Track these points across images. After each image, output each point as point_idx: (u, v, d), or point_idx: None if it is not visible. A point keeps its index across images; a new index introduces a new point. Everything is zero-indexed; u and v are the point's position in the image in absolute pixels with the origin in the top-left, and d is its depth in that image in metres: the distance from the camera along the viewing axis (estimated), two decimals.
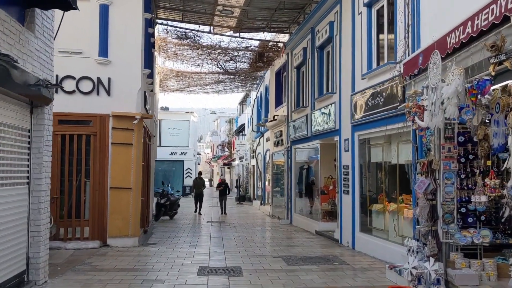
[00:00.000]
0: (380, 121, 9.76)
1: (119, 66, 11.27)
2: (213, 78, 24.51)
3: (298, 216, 16.72)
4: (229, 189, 22.51)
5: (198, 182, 21.98)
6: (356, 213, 11.24)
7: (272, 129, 20.70)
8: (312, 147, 15.73)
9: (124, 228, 11.14)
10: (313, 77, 14.76)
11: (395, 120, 8.97)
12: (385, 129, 9.41)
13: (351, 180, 11.48)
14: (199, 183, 21.91)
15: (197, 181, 22.08)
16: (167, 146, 38.48)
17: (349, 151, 11.63)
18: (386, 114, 9.37)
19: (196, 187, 21.71)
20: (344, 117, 12.00)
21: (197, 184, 21.84)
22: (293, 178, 17.44)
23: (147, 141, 14.00)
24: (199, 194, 21.41)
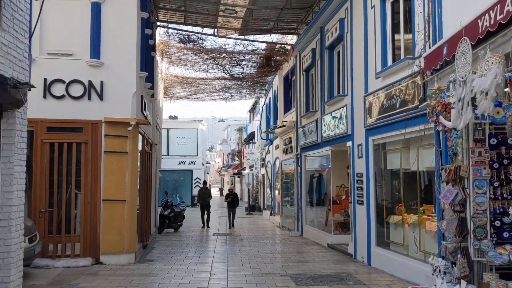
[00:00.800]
0: (397, 123, 8.79)
1: (112, 69, 10.46)
2: (219, 84, 23.69)
3: (309, 227, 15.72)
4: (238, 200, 20.81)
5: (203, 193, 20.29)
6: (371, 225, 10.24)
7: (281, 136, 19.78)
8: (322, 155, 14.76)
9: (119, 244, 10.25)
10: (323, 80, 13.84)
11: (414, 122, 8.00)
12: (404, 132, 8.43)
13: (365, 189, 10.49)
14: (205, 193, 20.24)
15: (202, 192, 20.42)
16: (175, 155, 37.76)
17: (362, 158, 10.66)
18: (404, 115, 8.40)
19: (202, 197, 20.15)
20: (357, 120, 11.04)
21: (203, 194, 20.22)
22: (303, 187, 16.46)
23: (147, 150, 13.15)
24: (205, 205, 19.77)
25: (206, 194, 20.16)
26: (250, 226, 20.57)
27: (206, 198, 19.91)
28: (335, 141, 12.67)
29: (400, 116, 8.58)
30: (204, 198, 19.89)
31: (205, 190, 20.56)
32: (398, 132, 8.84)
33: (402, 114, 8.45)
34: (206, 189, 20.64)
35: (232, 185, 55.50)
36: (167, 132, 38.05)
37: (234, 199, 20.08)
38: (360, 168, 10.83)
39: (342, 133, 11.80)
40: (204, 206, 19.76)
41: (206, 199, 19.85)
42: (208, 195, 20.23)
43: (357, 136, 11.05)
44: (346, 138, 11.75)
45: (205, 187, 20.92)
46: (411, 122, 8.07)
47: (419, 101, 7.83)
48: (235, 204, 20.08)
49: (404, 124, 8.50)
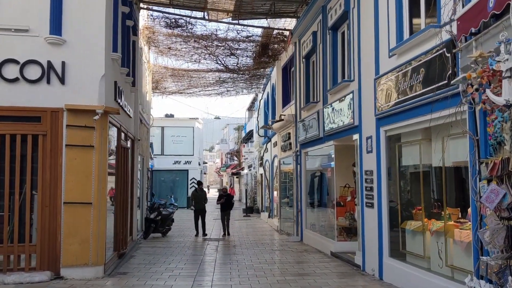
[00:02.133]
0: (417, 109, 7.17)
1: (76, 47, 8.84)
2: (214, 78, 22.08)
3: (310, 232, 14.09)
4: (232, 202, 17.41)
5: (198, 195, 16.97)
6: (384, 232, 8.60)
7: (279, 131, 18.15)
8: (324, 153, 13.13)
9: (83, 255, 8.62)
10: (325, 66, 12.21)
11: (441, 105, 6.37)
12: (426, 119, 6.81)
13: (376, 190, 8.86)
14: (199, 196, 16.91)
15: (197, 194, 17.07)
16: (170, 154, 36.19)
17: (372, 153, 9.03)
18: (427, 98, 6.77)
19: (196, 201, 16.85)
20: (366, 109, 9.42)
21: (197, 197, 16.90)
22: (303, 188, 14.83)
23: (124, 145, 11.53)
24: (200, 210, 16.61)
25: (201, 197, 16.96)
26: (246, 230, 18.93)
27: (202, 202, 16.75)
28: (339, 134, 11.04)
29: (421, 99, 6.95)
30: (199, 202, 16.74)
31: (200, 192, 17.26)
32: (418, 119, 7.22)
33: (424, 97, 6.82)
34: (201, 191, 17.32)
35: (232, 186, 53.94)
36: (161, 131, 36.50)
37: (228, 201, 17.05)
38: (369, 165, 9.20)
39: (348, 124, 10.18)
40: (199, 211, 16.67)
41: (202, 203, 16.73)
42: (204, 198, 16.94)
43: (365, 127, 9.42)
44: (352, 130, 10.13)
45: (200, 189, 17.44)
46: (438, 105, 6.44)
47: (446, 79, 6.21)
48: (230, 206, 17.20)
49: (425, 110, 6.88)
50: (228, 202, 17.06)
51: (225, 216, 16.81)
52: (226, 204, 17.00)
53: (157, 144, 35.70)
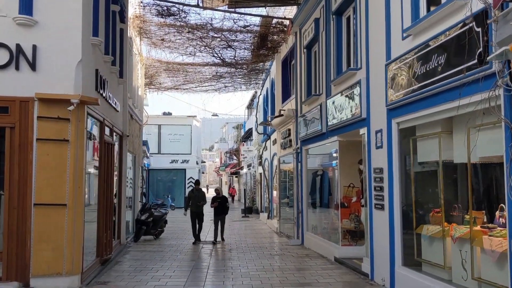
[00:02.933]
0: (438, 95, 6.17)
1: (49, 29, 7.84)
2: (210, 72, 21.08)
3: (311, 236, 13.09)
4: (227, 206, 14.98)
5: (195, 196, 14.81)
6: (396, 238, 7.61)
7: (279, 128, 17.16)
8: (325, 151, 12.14)
9: (56, 263, 7.63)
10: (328, 55, 11.22)
11: (470, 90, 5.38)
12: (451, 106, 5.82)
13: (387, 190, 7.87)
14: (197, 197, 14.76)
15: (193, 195, 14.95)
16: (167, 153, 35.21)
17: (383, 148, 8.04)
18: (451, 82, 5.77)
19: (192, 202, 14.76)
20: (375, 99, 8.43)
21: (193, 198, 14.81)
22: (304, 187, 13.84)
23: (109, 140, 10.54)
24: (198, 213, 14.62)
25: (199, 197, 14.79)
26: (244, 231, 17.94)
27: (199, 203, 14.65)
28: (344, 129, 10.05)
29: (443, 84, 5.95)
30: (196, 203, 14.63)
31: (198, 192, 14.98)
32: (438, 108, 6.23)
33: (448, 81, 5.82)
34: (199, 191, 14.99)
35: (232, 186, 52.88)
36: (158, 129, 35.55)
37: (222, 204, 14.76)
38: (379, 162, 8.21)
39: (354, 117, 9.19)
40: (196, 214, 14.60)
41: (199, 205, 14.65)
42: (202, 198, 14.78)
43: (374, 119, 8.43)
44: (359, 124, 9.14)
45: (197, 189, 15.15)
46: (466, 90, 5.44)
47: (477, 57, 5.22)
48: (225, 211, 14.82)
49: (447, 97, 5.91)
50: (222, 206, 14.71)
51: (219, 221, 14.68)
52: (219, 208, 14.68)
53: (153, 142, 34.75)
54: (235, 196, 46.51)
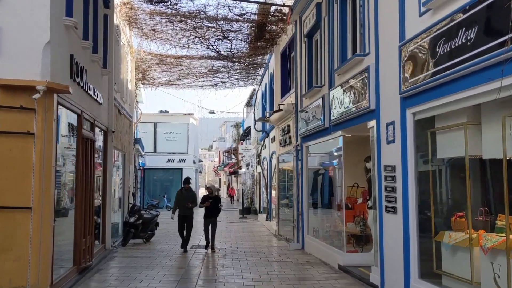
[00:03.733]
0: (468, 77, 5.15)
1: (12, 6, 6.83)
2: (206, 66, 20.05)
3: (313, 240, 12.07)
4: (220, 207, 13.06)
5: (183, 197, 12.72)
6: (411, 245, 6.60)
7: (277, 124, 16.14)
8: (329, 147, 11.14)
9: (20, 275, 6.61)
10: (332, 42, 10.20)
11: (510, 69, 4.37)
12: (485, 89, 4.81)
13: (400, 191, 6.85)
14: (186, 198, 12.65)
15: (181, 195, 12.84)
16: (163, 152, 34.22)
17: (395, 143, 7.03)
18: (486, 59, 4.74)
19: (180, 204, 12.70)
20: (386, 87, 7.41)
21: (182, 199, 12.68)
22: (305, 187, 12.83)
23: (88, 136, 9.52)
24: (186, 217, 12.62)
25: (188, 198, 12.65)
26: (241, 234, 16.92)
27: (188, 205, 12.53)
28: (349, 122, 9.04)
29: (474, 63, 4.93)
30: (185, 205, 12.53)
31: (187, 192, 12.89)
32: (466, 93, 5.21)
33: (482, 59, 4.79)
34: (188, 191, 12.91)
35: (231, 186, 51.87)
36: (154, 127, 34.54)
37: (214, 205, 12.77)
38: (391, 159, 7.19)
39: (361, 109, 8.17)
40: (184, 218, 12.62)
41: (187, 208, 12.52)
42: (192, 200, 12.73)
43: (385, 110, 7.41)
44: (367, 116, 8.12)
45: (186, 188, 12.94)
46: (507, 68, 4.43)
47: None
48: (216, 213, 12.89)
49: (476, 79, 4.90)
50: (214, 207, 12.75)
51: (210, 224, 12.68)
52: (211, 209, 12.74)
53: (149, 141, 33.75)
54: (234, 196, 45.44)
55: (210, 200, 12.82)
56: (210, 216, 12.81)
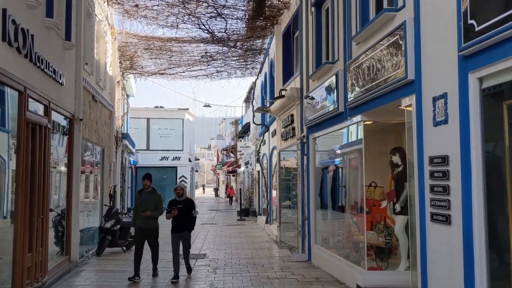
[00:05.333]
0: None
1: None
2: (199, 52, 17.99)
3: (322, 251, 10.00)
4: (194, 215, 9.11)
5: (142, 201, 8.96)
6: (477, 268, 4.51)
7: (279, 115, 14.06)
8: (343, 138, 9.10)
9: None
10: (347, 5, 8.12)
11: None
12: None
13: (458, 192, 4.76)
14: (145, 202, 8.91)
15: (140, 199, 9.01)
16: (157, 149, 32.19)
17: (449, 123, 4.95)
18: None
19: (138, 212, 8.92)
20: (432, 47, 5.35)
21: (140, 205, 8.94)
22: (312, 187, 10.77)
23: (35, 119, 7.45)
24: (146, 231, 8.90)
25: (149, 203, 8.88)
26: (237, 240, 14.84)
27: (146, 212, 8.73)
28: (374, 102, 6.95)
29: None
30: (144, 213, 8.77)
31: (147, 194, 9.03)
32: None
33: None
34: (150, 193, 9.05)
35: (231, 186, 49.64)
36: (147, 123, 32.50)
37: (185, 212, 8.86)
38: (441, 147, 5.12)
39: (393, 81, 6.08)
40: (143, 233, 8.91)
41: (148, 215, 8.75)
42: (153, 204, 8.90)
43: (432, 79, 5.33)
44: (401, 91, 6.03)
45: (146, 190, 9.06)
46: None
47: None
48: (189, 223, 9.02)
49: None
50: (185, 215, 8.85)
51: (181, 240, 8.93)
52: (181, 219, 8.84)
53: (142, 137, 31.73)
54: (233, 197, 43.20)
55: (179, 205, 8.81)
56: (179, 229, 8.85)
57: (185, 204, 8.96)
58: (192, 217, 9.03)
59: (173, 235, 8.94)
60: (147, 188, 9.12)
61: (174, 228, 8.96)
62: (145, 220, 8.86)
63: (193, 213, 9.05)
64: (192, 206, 9.11)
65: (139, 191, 9.29)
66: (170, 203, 9.02)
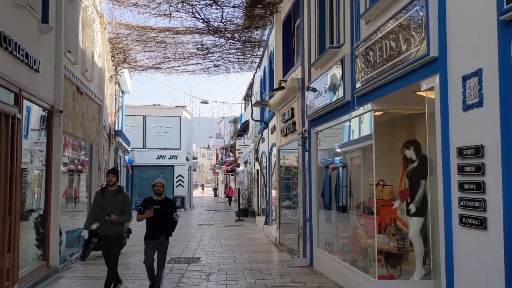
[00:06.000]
0: None
1: None
2: (194, 44, 17.11)
3: (325, 255, 9.10)
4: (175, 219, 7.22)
5: (105, 202, 7.20)
6: None
7: (278, 109, 13.17)
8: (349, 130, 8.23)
9: None
10: None
11: None
12: None
13: (497, 190, 3.88)
14: (109, 203, 7.17)
15: (103, 199, 7.23)
16: (153, 148, 31.25)
17: (483, 106, 4.06)
18: None
19: (99, 215, 7.28)
20: (461, 17, 4.46)
21: (102, 205, 7.19)
22: (314, 186, 9.89)
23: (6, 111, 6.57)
24: (108, 239, 7.23)
25: (114, 206, 7.17)
26: (234, 242, 13.95)
27: (111, 216, 7.03)
28: (388, 87, 6.04)
29: None
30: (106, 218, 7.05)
31: (112, 195, 7.26)
32: None
33: None
34: (114, 193, 7.30)
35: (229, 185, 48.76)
36: (143, 120, 31.59)
37: (163, 214, 7.09)
38: (473, 135, 4.23)
39: (412, 60, 5.17)
40: (107, 240, 7.29)
41: (113, 220, 7.05)
42: (118, 206, 7.19)
43: (461, 55, 4.44)
44: (422, 71, 5.12)
45: (111, 189, 7.32)
46: None
47: None
48: (168, 228, 7.26)
49: None
50: (163, 218, 7.11)
51: (156, 249, 7.20)
52: (158, 222, 7.10)
53: (138, 136, 30.86)
54: (232, 197, 42.23)
55: (157, 206, 7.02)
56: (155, 235, 7.10)
57: (164, 204, 7.13)
58: (172, 221, 7.20)
59: (147, 242, 7.16)
60: (111, 185, 7.29)
61: (148, 233, 7.17)
62: (108, 226, 7.13)
63: (174, 216, 7.17)
64: (173, 208, 7.31)
65: (101, 190, 7.52)
66: (145, 202, 7.23)
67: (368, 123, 7.18)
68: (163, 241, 7.18)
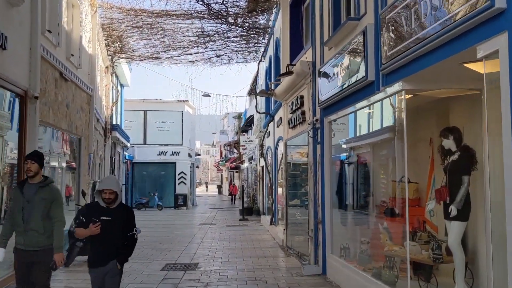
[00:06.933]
0: None
1: None
2: (194, 31, 15.92)
3: (340, 263, 7.87)
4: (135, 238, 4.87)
5: (26, 200, 4.84)
6: None
7: (285, 98, 11.91)
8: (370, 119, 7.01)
9: None
10: None
11: None
12: None
13: None
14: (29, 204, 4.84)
15: (21, 199, 4.86)
16: (155, 144, 30.15)
17: None
18: None
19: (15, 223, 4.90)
20: None
21: (18, 207, 4.87)
22: (327, 183, 8.66)
23: None
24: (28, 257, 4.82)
25: (35, 208, 4.85)
26: (237, 244, 12.74)
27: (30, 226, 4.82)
28: (427, 58, 4.78)
29: None
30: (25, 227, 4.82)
31: (34, 191, 4.91)
32: None
33: None
34: (40, 189, 4.93)
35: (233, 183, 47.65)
36: (144, 115, 30.49)
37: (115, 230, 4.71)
38: None
39: (466, 19, 3.93)
40: (24, 258, 4.86)
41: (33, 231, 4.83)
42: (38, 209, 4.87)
43: None
44: (479, 32, 3.85)
45: (32, 182, 4.94)
46: None
47: None
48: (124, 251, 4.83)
49: None
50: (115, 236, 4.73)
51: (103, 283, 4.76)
52: (108, 241, 4.71)
53: (138, 131, 29.80)
54: (236, 195, 40.94)
55: (104, 218, 4.68)
56: (103, 260, 4.74)
57: (117, 215, 4.78)
58: (130, 239, 4.84)
59: (92, 271, 4.77)
60: (32, 176, 4.94)
61: (93, 258, 4.83)
62: (26, 236, 4.85)
63: (134, 231, 4.86)
64: (131, 219, 4.90)
65: (20, 183, 5.27)
66: (89, 209, 4.96)
67: (391, 109, 5.96)
68: (113, 269, 4.73)
